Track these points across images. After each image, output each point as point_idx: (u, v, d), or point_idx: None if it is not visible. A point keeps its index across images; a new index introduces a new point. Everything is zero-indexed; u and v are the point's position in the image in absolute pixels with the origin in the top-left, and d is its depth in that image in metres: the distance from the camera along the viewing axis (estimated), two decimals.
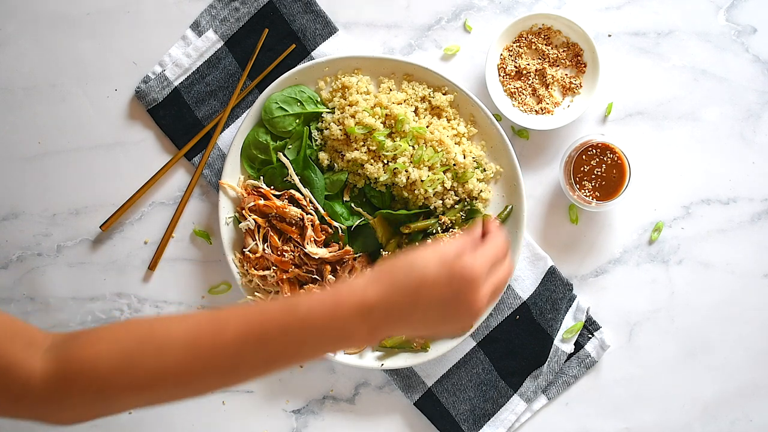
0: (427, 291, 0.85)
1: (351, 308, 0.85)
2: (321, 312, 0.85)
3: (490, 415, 1.23)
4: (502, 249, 0.91)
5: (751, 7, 1.23)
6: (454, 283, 0.85)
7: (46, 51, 1.26)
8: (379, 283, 0.86)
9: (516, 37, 1.22)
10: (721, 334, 1.24)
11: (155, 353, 0.85)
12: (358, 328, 0.85)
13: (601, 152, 1.17)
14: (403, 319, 0.86)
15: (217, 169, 1.25)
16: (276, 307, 0.86)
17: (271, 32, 1.24)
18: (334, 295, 0.86)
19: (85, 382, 0.84)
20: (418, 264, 0.86)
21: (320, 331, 0.85)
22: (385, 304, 0.85)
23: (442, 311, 0.86)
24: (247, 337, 0.85)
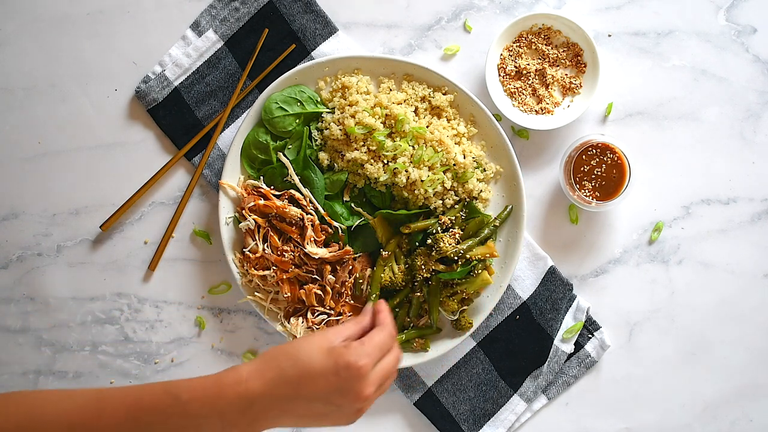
0: (311, 382, 0.84)
1: (232, 399, 0.84)
2: (202, 400, 0.84)
3: (490, 415, 1.23)
4: (389, 338, 0.89)
5: (751, 7, 1.23)
6: (341, 373, 0.84)
7: (46, 51, 1.26)
8: (263, 373, 0.85)
9: (516, 37, 1.22)
10: (721, 334, 1.24)
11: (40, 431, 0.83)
12: (238, 420, 0.84)
13: (601, 152, 1.17)
14: (286, 411, 0.85)
15: (217, 169, 1.25)
16: (157, 391, 0.85)
17: (271, 32, 1.24)
18: (216, 384, 0.85)
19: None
20: (304, 354, 0.85)
21: (200, 419, 0.84)
22: (267, 397, 0.84)
23: (327, 402, 0.85)
24: (127, 422, 0.84)
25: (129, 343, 1.27)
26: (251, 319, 1.26)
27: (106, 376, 1.27)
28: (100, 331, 1.27)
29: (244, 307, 1.26)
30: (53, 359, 1.27)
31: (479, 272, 1.18)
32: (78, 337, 1.27)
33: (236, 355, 1.26)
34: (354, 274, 1.20)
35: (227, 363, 1.26)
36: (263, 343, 1.26)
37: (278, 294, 1.21)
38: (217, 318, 1.27)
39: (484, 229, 1.19)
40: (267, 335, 1.26)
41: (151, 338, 1.27)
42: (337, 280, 1.19)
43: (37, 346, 1.27)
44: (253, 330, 1.26)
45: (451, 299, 1.19)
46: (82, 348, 1.27)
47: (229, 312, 1.26)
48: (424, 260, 1.17)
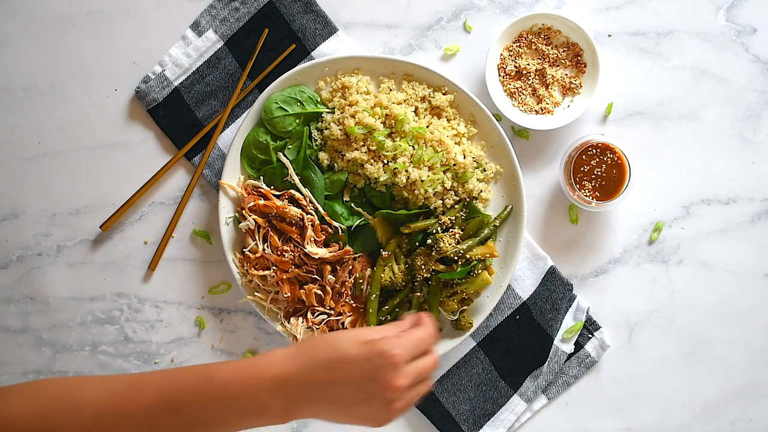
0: (344, 367, 0.85)
1: (266, 381, 0.85)
2: (238, 382, 0.85)
3: (490, 415, 1.23)
4: (427, 338, 0.89)
5: (751, 7, 1.23)
6: (374, 360, 0.84)
7: (46, 51, 1.26)
8: (298, 357, 0.86)
9: (516, 37, 1.22)
10: (721, 334, 1.24)
11: (69, 417, 0.84)
12: (272, 402, 0.85)
13: (601, 152, 1.17)
14: (319, 397, 0.85)
15: (217, 169, 1.25)
16: (193, 374, 0.86)
17: (271, 32, 1.24)
18: (252, 367, 0.86)
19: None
20: (339, 342, 0.86)
21: (235, 401, 0.85)
22: (301, 380, 0.85)
23: (359, 390, 0.85)
24: (164, 404, 0.85)
25: (129, 343, 1.27)
26: (251, 319, 1.26)
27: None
28: (100, 331, 1.27)
29: (244, 307, 1.26)
30: (53, 359, 1.27)
31: (479, 272, 1.18)
32: (78, 337, 1.27)
33: (236, 355, 1.26)
34: (354, 274, 1.20)
35: None
36: (263, 343, 1.26)
37: (278, 294, 1.21)
38: (217, 318, 1.27)
39: (484, 229, 1.19)
40: (267, 335, 1.26)
41: (151, 338, 1.27)
42: (337, 280, 1.19)
43: (37, 346, 1.27)
44: (253, 330, 1.26)
45: (451, 299, 1.19)
46: (82, 348, 1.27)
47: (229, 312, 1.26)
48: (424, 260, 1.17)
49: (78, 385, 0.87)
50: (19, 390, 0.86)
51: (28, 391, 0.86)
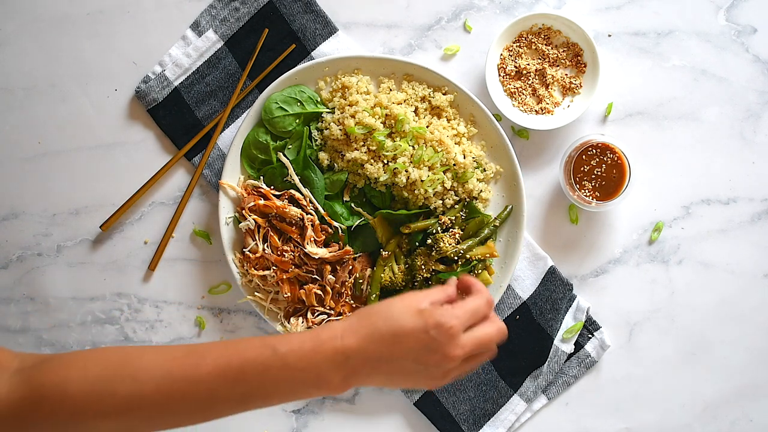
0: (403, 340, 0.86)
1: (329, 353, 0.86)
2: (300, 354, 0.86)
3: (490, 415, 1.23)
4: (484, 306, 0.90)
5: (751, 7, 1.23)
6: (430, 332, 0.85)
7: (46, 51, 1.26)
8: (358, 330, 0.87)
9: (516, 37, 1.22)
10: (721, 334, 1.24)
11: (130, 381, 0.84)
12: (333, 375, 0.86)
13: (601, 152, 1.17)
14: (377, 369, 0.87)
15: (217, 169, 1.25)
16: (256, 345, 0.87)
17: (271, 32, 1.24)
18: (314, 339, 0.87)
19: (55, 407, 0.82)
20: (396, 313, 0.87)
21: (297, 372, 0.86)
22: (362, 353, 0.86)
23: (416, 360, 0.86)
24: (225, 373, 0.85)
25: (129, 343, 1.27)
26: (251, 319, 1.26)
27: None
28: (100, 331, 1.27)
29: (244, 307, 1.26)
30: None
31: (479, 272, 1.18)
32: (78, 337, 1.27)
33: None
34: (354, 274, 1.20)
35: None
36: None
37: (278, 294, 1.21)
38: (217, 318, 1.27)
39: (484, 229, 1.19)
40: (267, 335, 1.26)
41: (151, 338, 1.27)
42: (337, 280, 1.19)
43: (37, 346, 1.27)
44: (253, 330, 1.26)
45: None
46: (82, 348, 1.27)
47: (229, 312, 1.26)
48: (424, 260, 1.17)
49: (137, 351, 0.87)
50: (79, 355, 0.86)
51: (88, 355, 0.86)
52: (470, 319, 0.89)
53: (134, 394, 0.84)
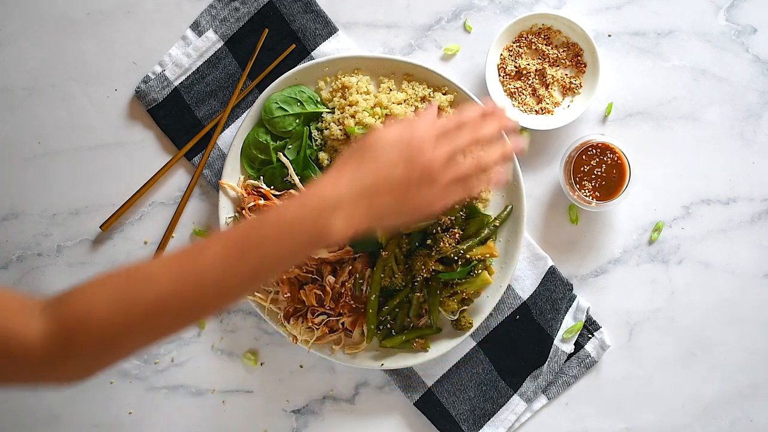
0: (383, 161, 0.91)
1: (317, 204, 0.89)
2: (292, 213, 0.89)
3: (490, 415, 1.23)
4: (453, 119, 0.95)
5: (751, 7, 1.23)
6: (403, 140, 0.92)
7: (46, 51, 1.26)
8: (339, 174, 0.91)
9: (516, 37, 1.22)
10: (721, 334, 1.24)
11: (145, 286, 0.86)
12: (328, 221, 0.89)
13: (601, 152, 1.17)
14: (371, 202, 0.90)
15: (217, 169, 1.25)
16: (249, 221, 0.90)
17: (271, 32, 1.24)
18: (301, 195, 0.90)
19: (87, 333, 0.85)
20: (368, 142, 0.93)
21: (295, 228, 0.88)
22: (349, 191, 0.90)
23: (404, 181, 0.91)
24: (228, 252, 0.88)
25: None
26: (251, 319, 1.26)
27: (106, 376, 1.27)
28: None
29: (244, 307, 1.26)
30: None
31: (479, 272, 1.18)
32: None
33: (236, 355, 1.26)
34: (354, 274, 1.20)
35: (227, 363, 1.26)
36: (263, 343, 1.26)
37: (278, 294, 1.21)
38: (217, 318, 1.27)
39: (484, 229, 1.19)
40: (267, 335, 1.26)
41: None
42: (337, 281, 1.19)
43: None
44: (253, 330, 1.26)
45: (451, 299, 1.19)
46: None
47: (229, 312, 1.26)
48: (424, 260, 1.17)
49: (144, 262, 0.90)
50: (94, 280, 0.88)
51: (103, 278, 0.88)
52: (439, 128, 0.94)
53: (154, 297, 0.86)
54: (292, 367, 1.26)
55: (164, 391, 1.27)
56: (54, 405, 1.27)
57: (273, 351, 1.26)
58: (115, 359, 0.88)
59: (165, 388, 1.27)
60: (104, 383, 1.27)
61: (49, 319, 0.85)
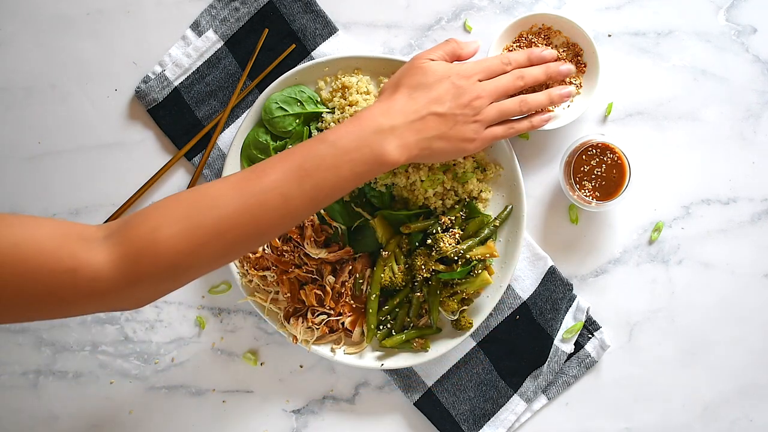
0: (434, 93, 1.00)
1: (374, 128, 0.96)
2: (349, 137, 0.94)
3: (490, 415, 1.23)
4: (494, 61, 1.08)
5: (751, 7, 1.23)
6: (452, 78, 1.02)
7: (46, 51, 1.26)
8: (393, 101, 0.99)
9: (516, 37, 1.22)
10: (721, 334, 1.24)
11: (210, 209, 0.89)
12: (385, 145, 0.95)
13: (601, 152, 1.17)
14: (422, 130, 0.98)
15: (217, 169, 1.25)
16: (308, 142, 0.95)
17: (271, 32, 1.24)
18: (357, 120, 0.96)
19: (154, 258, 0.86)
20: (419, 77, 1.01)
21: (352, 153, 0.94)
22: (403, 116, 0.97)
23: (452, 110, 1.00)
24: (288, 174, 0.91)
25: (129, 343, 1.27)
26: (251, 319, 1.26)
27: (106, 376, 1.27)
28: (100, 331, 1.27)
29: (244, 307, 1.26)
30: (53, 359, 1.27)
31: (479, 272, 1.18)
32: (78, 337, 1.27)
33: (236, 355, 1.26)
34: (354, 274, 1.20)
35: (227, 363, 1.26)
36: (263, 343, 1.26)
37: (278, 294, 1.21)
38: (217, 318, 1.27)
39: (484, 229, 1.19)
40: (267, 335, 1.26)
41: (151, 338, 1.27)
42: (337, 281, 1.19)
43: (37, 346, 1.27)
44: (253, 330, 1.26)
45: (451, 299, 1.19)
46: (82, 348, 1.27)
47: (229, 312, 1.27)
48: (424, 260, 1.17)
49: (206, 186, 0.92)
50: (156, 205, 0.90)
51: (165, 203, 0.90)
52: (485, 70, 1.05)
53: (217, 220, 0.88)
54: (292, 367, 1.26)
55: (164, 391, 1.27)
56: (54, 405, 1.27)
57: (273, 351, 1.26)
58: (180, 283, 0.90)
59: (165, 388, 1.27)
60: (104, 383, 1.27)
61: (114, 247, 0.86)
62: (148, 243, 0.86)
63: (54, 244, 0.84)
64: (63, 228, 0.86)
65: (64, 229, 0.86)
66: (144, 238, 0.86)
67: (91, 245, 0.86)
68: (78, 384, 1.27)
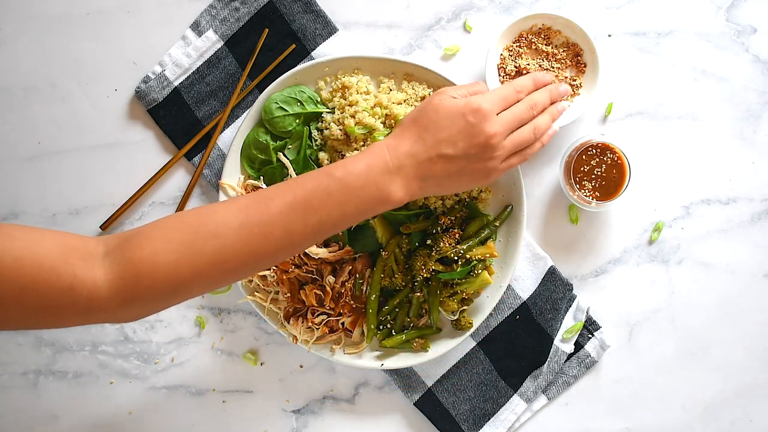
0: (446, 133, 0.97)
1: (382, 167, 0.95)
2: (356, 173, 0.94)
3: (490, 415, 1.23)
4: (512, 91, 1.03)
5: (751, 7, 1.23)
6: (467, 117, 0.97)
7: (46, 51, 1.26)
8: (402, 140, 0.97)
9: (516, 37, 1.22)
10: (721, 334, 1.24)
11: (212, 238, 0.89)
12: (391, 184, 0.95)
13: (601, 152, 1.17)
14: (431, 169, 0.96)
15: (217, 169, 1.25)
16: (314, 176, 0.94)
17: (271, 32, 1.24)
18: (365, 157, 0.95)
19: (152, 279, 0.87)
20: (431, 113, 0.98)
21: (358, 191, 0.93)
22: (412, 157, 0.96)
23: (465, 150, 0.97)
24: (293, 207, 0.91)
25: (129, 343, 1.27)
26: (251, 319, 1.26)
27: (106, 376, 1.27)
28: (100, 331, 1.27)
29: (244, 307, 1.26)
30: (53, 359, 1.27)
31: (479, 272, 1.18)
32: (78, 337, 1.27)
33: (236, 355, 1.26)
34: (354, 274, 1.20)
35: (227, 363, 1.26)
36: (263, 343, 1.26)
37: (278, 294, 1.21)
38: (217, 318, 1.27)
39: (484, 229, 1.19)
40: (267, 335, 1.26)
41: (151, 338, 1.27)
42: (337, 281, 1.19)
43: (37, 346, 1.27)
44: (253, 330, 1.26)
45: (451, 299, 1.19)
46: (82, 348, 1.27)
47: (229, 312, 1.27)
48: (424, 260, 1.17)
49: (209, 210, 0.92)
50: (158, 225, 0.91)
51: (167, 224, 0.91)
52: (500, 102, 1.00)
53: (219, 249, 0.89)
54: (292, 367, 1.26)
55: (164, 391, 1.27)
56: (54, 405, 1.27)
57: (273, 351, 1.26)
58: (175, 303, 0.92)
59: (165, 388, 1.27)
60: (104, 383, 1.27)
61: (112, 267, 0.87)
62: (147, 267, 0.87)
63: (55, 261, 0.86)
64: (65, 243, 0.88)
65: (66, 244, 0.88)
66: (144, 262, 0.88)
67: (91, 263, 0.88)
68: (78, 384, 1.27)
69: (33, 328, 0.89)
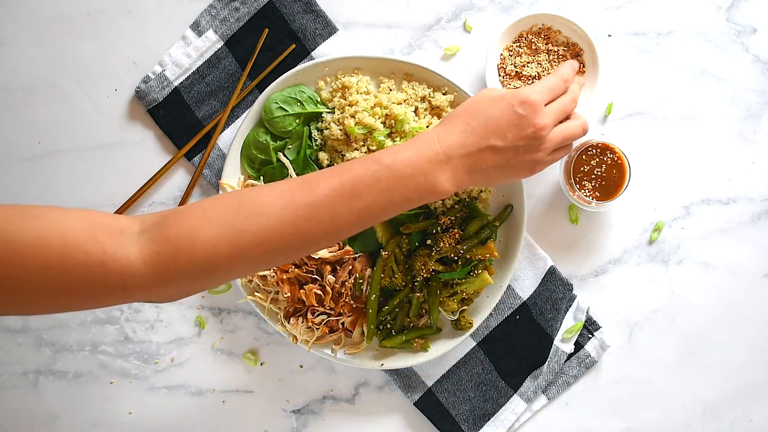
0: (495, 125, 0.96)
1: (431, 156, 0.93)
2: (405, 161, 0.92)
3: (490, 415, 1.23)
4: (561, 80, 1.03)
5: (751, 7, 1.23)
6: (516, 109, 0.96)
7: (46, 51, 1.26)
8: (452, 130, 0.96)
9: (516, 37, 1.22)
10: (721, 334, 1.24)
11: (255, 217, 0.86)
12: (439, 175, 0.93)
13: (601, 152, 1.17)
14: (479, 161, 0.95)
15: (217, 169, 1.25)
16: (362, 162, 0.92)
17: (271, 32, 1.24)
18: (414, 146, 0.94)
19: (191, 258, 0.84)
20: (480, 105, 0.97)
21: (406, 179, 0.92)
22: (461, 148, 0.95)
23: (513, 142, 0.96)
24: (340, 191, 0.89)
25: (129, 343, 1.27)
26: (251, 319, 1.26)
27: (106, 376, 1.27)
28: (100, 331, 1.27)
29: (244, 307, 1.26)
30: (53, 359, 1.27)
31: (479, 272, 1.18)
32: (78, 337, 1.27)
33: (236, 355, 1.26)
34: (354, 274, 1.20)
35: (227, 363, 1.26)
36: (263, 343, 1.26)
37: (278, 294, 1.21)
38: (217, 318, 1.27)
39: (485, 229, 1.19)
40: (267, 335, 1.26)
41: (151, 338, 1.27)
42: (337, 281, 1.19)
43: (37, 346, 1.27)
44: (253, 330, 1.26)
45: (451, 299, 1.19)
46: (82, 348, 1.27)
47: (229, 312, 1.27)
48: (424, 260, 1.17)
49: (253, 191, 0.89)
50: (197, 205, 0.88)
51: (207, 204, 0.88)
52: (548, 92, 1.00)
53: (262, 228, 0.86)
54: (292, 367, 1.26)
55: (164, 391, 1.27)
56: (54, 405, 1.27)
57: (273, 351, 1.26)
58: (213, 285, 0.89)
59: (165, 388, 1.27)
60: (104, 383, 1.27)
61: (148, 243, 0.84)
62: (185, 242, 0.84)
63: (82, 236, 0.81)
64: (93, 219, 0.84)
65: (94, 220, 0.84)
66: (182, 237, 0.84)
67: (123, 239, 0.84)
68: (78, 384, 1.27)
69: (62, 310, 0.84)
